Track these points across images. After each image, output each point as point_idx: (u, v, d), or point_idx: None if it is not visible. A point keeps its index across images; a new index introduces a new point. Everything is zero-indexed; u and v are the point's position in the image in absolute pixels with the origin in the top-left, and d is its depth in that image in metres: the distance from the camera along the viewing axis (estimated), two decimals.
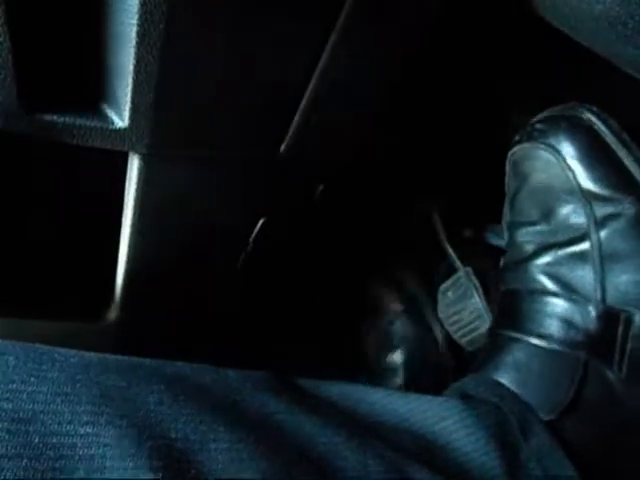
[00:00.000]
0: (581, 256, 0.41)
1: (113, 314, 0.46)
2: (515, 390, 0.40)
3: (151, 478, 0.25)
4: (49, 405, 0.25)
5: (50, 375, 0.26)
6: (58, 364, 0.27)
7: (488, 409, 0.38)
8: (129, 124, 0.32)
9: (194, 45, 0.30)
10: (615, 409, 0.39)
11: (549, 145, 0.41)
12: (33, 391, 0.26)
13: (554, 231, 0.42)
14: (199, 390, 0.30)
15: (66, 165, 0.39)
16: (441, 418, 0.37)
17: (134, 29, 0.28)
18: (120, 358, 0.30)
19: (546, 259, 0.42)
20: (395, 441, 0.34)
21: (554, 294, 0.41)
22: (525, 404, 0.39)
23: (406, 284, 0.59)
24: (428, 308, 0.56)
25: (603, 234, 0.40)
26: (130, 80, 0.30)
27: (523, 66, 0.51)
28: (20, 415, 0.25)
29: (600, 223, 0.40)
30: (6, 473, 0.23)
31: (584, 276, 0.40)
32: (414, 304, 0.58)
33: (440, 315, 0.54)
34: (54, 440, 0.24)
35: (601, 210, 0.40)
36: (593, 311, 0.39)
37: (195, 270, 0.48)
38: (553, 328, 0.40)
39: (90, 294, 0.46)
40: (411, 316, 0.57)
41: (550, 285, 0.41)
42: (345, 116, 0.39)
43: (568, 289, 0.41)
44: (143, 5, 0.27)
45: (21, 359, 0.27)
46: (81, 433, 0.25)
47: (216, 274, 0.50)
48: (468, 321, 0.52)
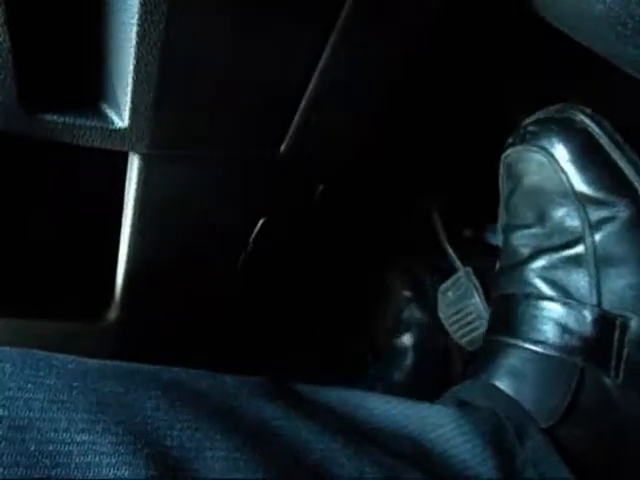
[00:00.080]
0: (576, 260, 0.40)
1: (113, 314, 0.46)
2: (511, 396, 0.39)
3: None
4: (45, 412, 0.25)
5: (47, 382, 0.26)
6: (55, 370, 0.27)
7: (484, 416, 0.38)
8: (129, 124, 0.32)
9: (194, 45, 0.30)
10: (612, 414, 0.38)
11: (542, 147, 0.40)
12: (29, 398, 0.25)
13: (549, 234, 0.42)
14: (196, 396, 0.30)
15: (66, 165, 0.39)
16: (438, 425, 0.36)
17: (134, 29, 0.28)
18: (118, 364, 0.30)
19: (541, 263, 0.41)
20: (393, 447, 0.34)
21: (549, 298, 0.40)
22: (521, 408, 0.38)
23: (408, 282, 0.60)
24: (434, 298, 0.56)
25: (598, 237, 0.39)
26: (130, 80, 0.30)
27: (523, 66, 0.51)
28: (16, 422, 0.24)
29: (594, 226, 0.40)
30: None
31: (579, 280, 0.40)
32: (423, 292, 0.58)
33: (440, 315, 0.54)
34: (50, 448, 0.24)
35: (595, 213, 0.39)
36: (589, 316, 0.39)
37: (195, 270, 0.48)
38: (549, 333, 0.39)
39: (90, 294, 0.46)
40: (420, 303, 0.58)
41: (545, 289, 0.41)
42: (345, 116, 0.39)
43: (563, 293, 0.40)
44: (143, 5, 0.27)
45: (18, 365, 0.27)
46: (77, 441, 0.25)
47: (216, 274, 0.50)
48: (468, 321, 0.52)
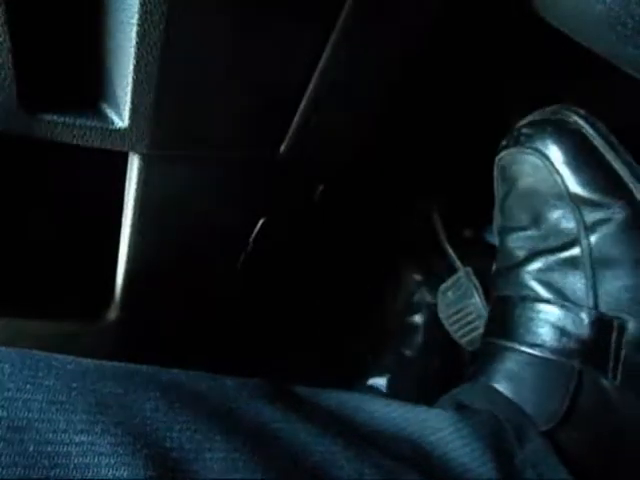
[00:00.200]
0: (572, 262, 0.40)
1: (113, 314, 0.46)
2: (510, 398, 0.39)
3: None
4: (44, 413, 0.25)
5: (46, 383, 0.26)
6: (54, 371, 0.27)
7: (483, 419, 0.38)
8: (129, 124, 0.32)
9: (194, 45, 0.30)
10: (610, 416, 0.38)
11: (536, 149, 0.40)
12: (28, 399, 0.25)
13: (545, 236, 0.41)
14: (195, 398, 0.30)
15: (66, 165, 0.39)
16: (437, 429, 0.36)
17: (134, 29, 0.28)
18: (117, 365, 0.30)
19: (537, 265, 0.41)
20: (392, 450, 0.34)
21: (546, 301, 0.40)
22: (520, 411, 0.38)
23: (410, 282, 0.60)
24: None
25: (593, 239, 0.39)
26: (130, 80, 0.30)
27: (523, 66, 0.51)
28: (15, 423, 0.24)
29: (590, 228, 0.39)
30: None
31: (575, 282, 0.39)
32: (433, 275, 0.59)
33: (440, 315, 0.54)
34: (49, 449, 0.24)
35: (591, 215, 0.39)
36: (586, 318, 0.38)
37: (195, 270, 0.48)
38: (546, 336, 0.39)
39: (90, 294, 0.46)
40: (430, 287, 0.59)
41: (542, 292, 0.41)
42: (345, 116, 0.39)
43: (560, 296, 0.40)
44: (143, 5, 0.27)
45: (17, 366, 0.26)
46: (76, 442, 0.25)
47: (216, 274, 0.50)
48: (468, 321, 0.52)
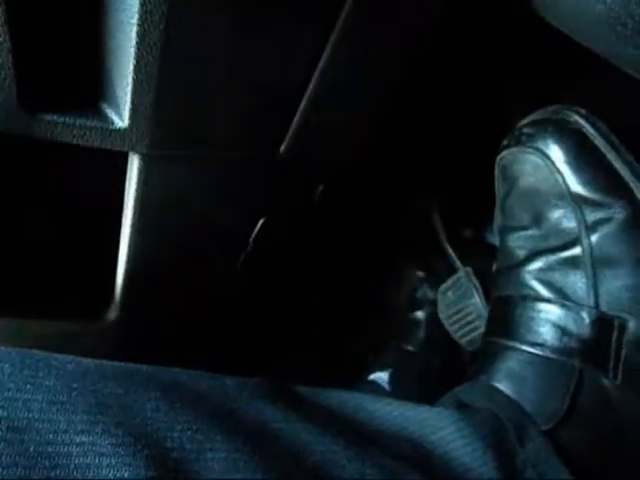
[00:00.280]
0: (573, 261, 0.40)
1: (113, 314, 0.46)
2: (511, 397, 0.39)
3: None
4: (45, 413, 0.25)
5: (46, 383, 0.26)
6: (54, 371, 0.27)
7: (484, 418, 0.38)
8: (129, 124, 0.32)
9: (194, 45, 0.30)
10: (610, 416, 0.38)
11: (537, 149, 0.40)
12: (28, 399, 0.25)
13: (545, 236, 0.41)
14: (196, 397, 0.30)
15: (66, 165, 0.39)
16: (438, 428, 0.36)
17: (134, 29, 0.28)
18: (117, 364, 0.30)
19: (538, 264, 0.41)
20: (393, 449, 0.34)
21: (547, 300, 0.40)
22: (521, 410, 0.38)
23: (413, 278, 0.61)
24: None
25: (594, 239, 0.39)
26: (130, 80, 0.30)
27: (523, 66, 0.51)
28: (15, 423, 0.24)
29: (591, 227, 0.39)
30: None
31: (576, 282, 0.40)
32: (434, 273, 0.59)
33: (440, 315, 0.54)
34: (49, 449, 0.24)
35: (591, 214, 0.39)
36: (586, 317, 0.39)
37: (195, 270, 0.48)
38: (546, 335, 0.39)
39: (90, 294, 0.46)
40: (432, 283, 0.59)
41: (543, 291, 0.41)
42: (345, 116, 0.39)
43: (561, 295, 0.40)
44: (143, 5, 0.27)
45: (17, 366, 0.26)
46: (77, 442, 0.25)
47: (216, 274, 0.50)
48: (468, 321, 0.52)
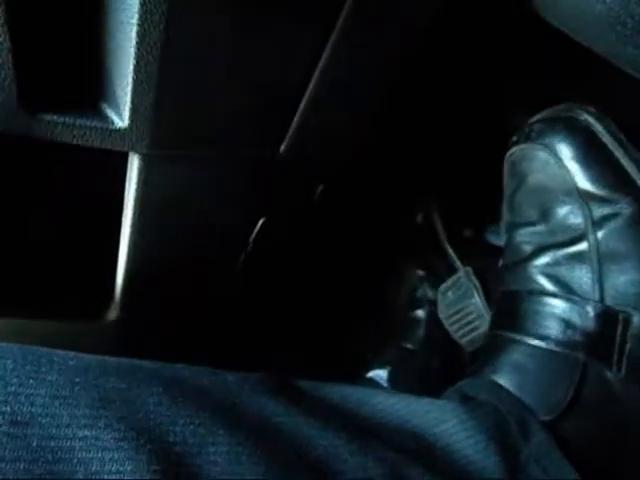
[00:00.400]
0: (579, 256, 0.41)
1: (113, 314, 0.46)
2: (514, 391, 0.40)
3: None
4: (47, 408, 0.25)
5: (49, 378, 0.26)
6: (57, 366, 0.27)
7: (487, 411, 0.38)
8: (129, 124, 0.32)
9: (194, 45, 0.30)
10: (614, 409, 0.39)
11: (546, 145, 0.41)
12: (31, 394, 0.25)
13: (552, 232, 0.42)
14: (198, 392, 0.30)
15: (66, 165, 0.39)
16: (441, 420, 0.37)
17: (134, 29, 0.28)
18: (119, 360, 0.30)
19: (544, 260, 0.42)
20: (396, 442, 0.34)
21: (553, 295, 0.41)
22: (524, 405, 0.39)
23: (413, 277, 0.61)
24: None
25: (601, 234, 0.40)
26: (130, 80, 0.30)
27: (523, 66, 0.51)
28: (18, 418, 0.24)
29: (597, 223, 0.40)
30: (5, 476, 0.23)
31: (582, 276, 0.40)
32: (434, 272, 0.60)
33: (440, 315, 0.54)
34: (52, 443, 0.24)
35: (598, 210, 0.40)
36: (591, 311, 0.39)
37: (195, 270, 0.48)
38: (552, 329, 0.40)
39: (90, 294, 0.46)
40: (432, 282, 0.59)
41: (549, 286, 0.41)
42: (345, 116, 0.39)
43: (566, 289, 0.40)
44: (143, 5, 0.27)
45: (19, 362, 0.26)
46: (79, 436, 0.25)
47: (216, 274, 0.50)
48: (468, 321, 0.52)
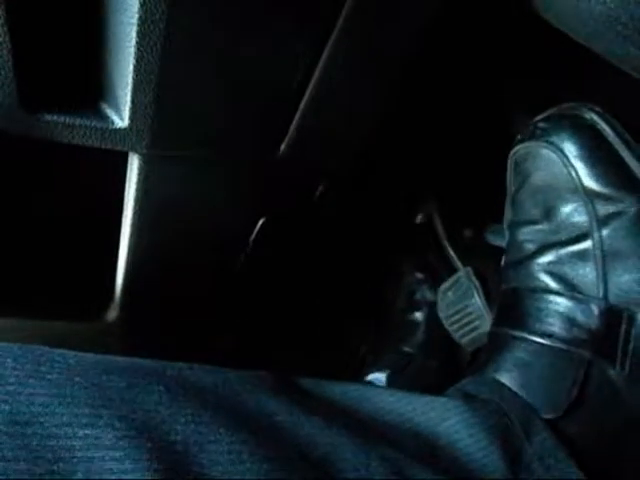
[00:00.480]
0: (583, 254, 0.41)
1: (113, 314, 0.46)
2: (517, 389, 0.40)
3: None
4: (47, 407, 0.25)
5: (49, 377, 0.26)
6: (57, 366, 0.27)
7: (490, 410, 0.38)
8: (129, 124, 0.32)
9: (194, 45, 0.30)
10: (618, 407, 0.39)
11: (552, 143, 0.41)
12: (31, 393, 0.25)
13: (556, 230, 0.42)
14: (199, 391, 0.30)
15: (66, 165, 0.39)
16: (444, 418, 0.36)
17: (134, 29, 0.28)
18: (120, 359, 0.30)
19: (548, 258, 0.42)
20: (398, 441, 0.34)
21: (556, 292, 0.41)
22: (527, 404, 0.39)
23: (411, 280, 0.61)
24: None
25: (605, 232, 0.40)
26: (130, 80, 0.30)
27: (523, 66, 0.51)
28: (18, 417, 0.24)
29: (602, 221, 0.40)
30: (5, 475, 0.23)
31: (586, 275, 0.40)
32: (433, 274, 0.60)
33: (440, 315, 0.54)
34: (52, 442, 0.24)
35: (603, 209, 0.40)
36: (595, 309, 0.39)
37: (195, 270, 0.48)
38: (556, 326, 0.40)
39: (90, 294, 0.46)
40: (430, 285, 0.60)
41: (552, 283, 0.41)
42: (345, 116, 0.39)
43: (570, 287, 0.41)
44: (143, 5, 0.27)
45: (19, 361, 0.26)
46: (80, 435, 0.25)
47: (216, 274, 0.50)
48: (468, 321, 0.52)
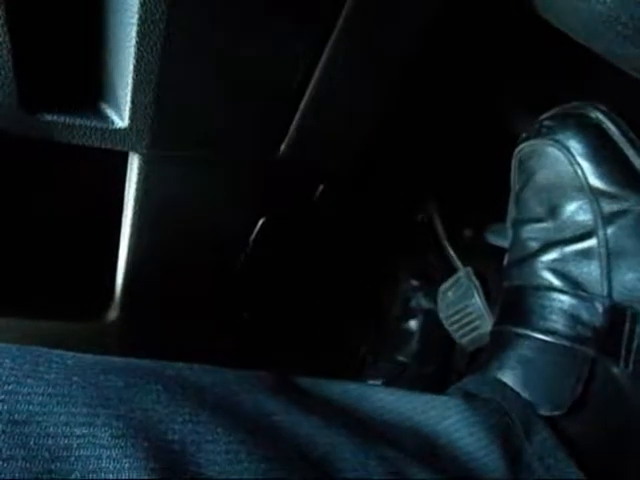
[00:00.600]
0: (587, 253, 0.41)
1: (113, 314, 0.46)
2: (521, 387, 0.39)
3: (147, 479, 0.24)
4: (45, 406, 0.25)
5: (46, 377, 0.26)
6: (55, 365, 0.27)
7: (491, 409, 0.38)
8: (129, 124, 0.32)
9: (194, 45, 0.30)
10: (622, 405, 0.39)
11: (557, 141, 0.41)
12: (29, 392, 0.25)
13: (560, 228, 0.42)
14: (197, 391, 0.30)
15: (66, 165, 0.39)
16: (444, 417, 0.36)
17: (134, 29, 0.28)
18: (118, 359, 0.30)
19: (552, 256, 0.42)
20: (397, 440, 0.34)
21: (560, 290, 0.41)
22: (528, 404, 0.39)
23: (407, 287, 0.61)
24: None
25: (610, 231, 0.40)
26: (130, 80, 0.30)
27: (523, 66, 0.51)
28: (16, 416, 0.24)
29: (607, 220, 0.40)
30: (1, 474, 0.23)
31: (590, 272, 0.40)
32: (429, 281, 0.60)
33: (440, 315, 0.54)
34: (50, 441, 0.24)
35: (608, 207, 0.40)
36: (600, 307, 0.39)
37: (195, 270, 0.48)
38: (559, 324, 0.40)
39: (90, 294, 0.46)
40: (426, 292, 0.60)
41: (556, 281, 0.41)
42: (345, 116, 0.39)
43: (574, 285, 0.40)
44: (143, 5, 0.27)
45: (17, 361, 0.26)
46: (77, 434, 0.25)
47: (216, 274, 0.50)
48: (468, 321, 0.52)
